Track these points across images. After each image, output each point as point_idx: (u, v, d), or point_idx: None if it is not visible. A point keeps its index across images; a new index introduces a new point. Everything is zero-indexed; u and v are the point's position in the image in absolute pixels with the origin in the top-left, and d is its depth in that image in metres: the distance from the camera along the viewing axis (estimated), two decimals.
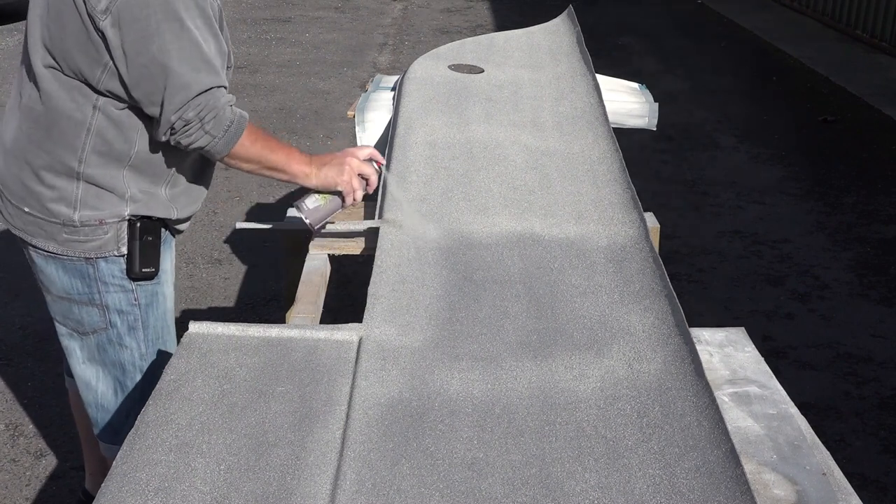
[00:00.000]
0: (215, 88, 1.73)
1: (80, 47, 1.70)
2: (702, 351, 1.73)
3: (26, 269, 2.04)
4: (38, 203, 1.82)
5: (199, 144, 1.76)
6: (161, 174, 1.86)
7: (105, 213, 1.82)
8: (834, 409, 3.12)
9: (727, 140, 5.88)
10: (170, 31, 1.67)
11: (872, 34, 8.09)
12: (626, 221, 2.15)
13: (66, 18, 1.70)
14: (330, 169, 1.95)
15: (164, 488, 1.31)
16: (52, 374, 3.19)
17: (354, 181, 1.98)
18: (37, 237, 1.85)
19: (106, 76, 1.72)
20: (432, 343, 1.70)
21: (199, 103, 1.71)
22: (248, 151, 1.83)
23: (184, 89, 1.69)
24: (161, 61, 1.68)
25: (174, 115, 1.70)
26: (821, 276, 4.08)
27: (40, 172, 1.80)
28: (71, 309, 1.91)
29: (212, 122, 1.73)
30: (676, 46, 8.36)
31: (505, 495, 1.32)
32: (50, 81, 1.75)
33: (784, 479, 1.44)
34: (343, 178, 1.96)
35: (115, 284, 1.88)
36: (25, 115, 1.81)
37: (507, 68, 3.21)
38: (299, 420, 1.47)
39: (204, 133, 1.74)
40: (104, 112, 1.76)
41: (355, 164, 1.98)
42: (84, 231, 1.82)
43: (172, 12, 1.68)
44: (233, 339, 1.69)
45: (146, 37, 1.67)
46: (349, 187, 1.97)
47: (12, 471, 2.77)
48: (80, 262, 1.85)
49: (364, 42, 8.53)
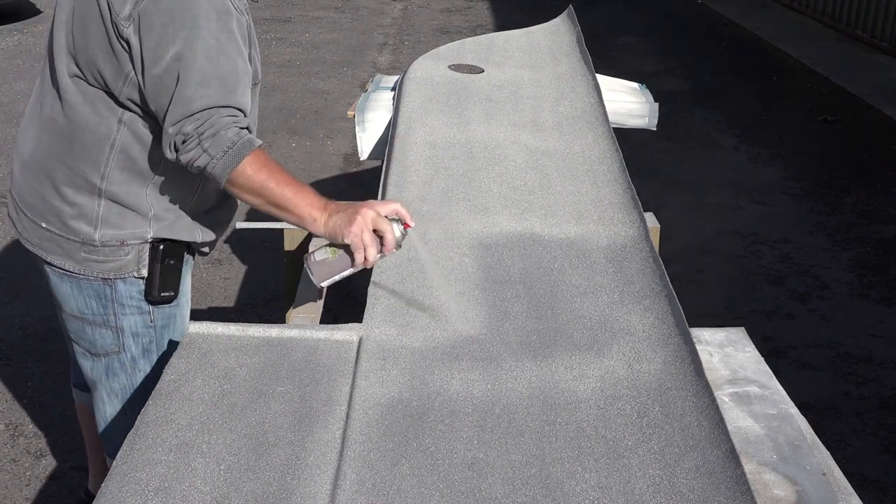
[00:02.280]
0: (222, 108, 1.61)
1: (105, 56, 1.64)
2: (702, 351, 1.73)
3: (26, 269, 2.03)
4: (57, 219, 1.75)
5: (198, 164, 1.62)
6: (185, 195, 1.78)
7: (126, 234, 1.75)
8: (834, 409, 3.12)
9: (727, 140, 5.88)
10: (185, 41, 1.59)
11: (872, 34, 8.09)
12: (626, 221, 2.15)
13: (90, 25, 1.64)
14: (340, 217, 1.70)
15: (164, 488, 1.31)
16: (52, 374, 3.18)
17: (366, 236, 1.70)
18: (53, 254, 1.78)
19: (128, 88, 1.65)
20: (432, 343, 1.70)
21: (198, 118, 1.60)
22: (249, 181, 1.64)
23: (186, 103, 1.59)
24: (175, 71, 1.60)
25: (172, 128, 1.60)
26: (821, 276, 4.08)
27: (61, 188, 1.74)
28: (84, 329, 1.85)
29: (210, 141, 1.60)
30: (676, 46, 8.36)
31: (505, 495, 1.32)
32: (74, 93, 1.69)
33: (784, 479, 1.44)
34: (351, 230, 1.69)
35: (133, 306, 1.82)
36: (47, 126, 1.74)
37: (507, 68, 3.21)
38: (299, 420, 1.47)
39: (202, 151, 1.61)
40: (130, 127, 1.69)
41: (370, 216, 1.70)
42: (104, 251, 1.76)
43: (192, 22, 1.60)
44: (233, 339, 1.69)
45: (162, 45, 1.60)
46: (358, 241, 1.70)
47: (12, 471, 2.77)
48: (98, 282, 1.78)
49: (364, 42, 8.53)
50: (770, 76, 7.38)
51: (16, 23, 8.54)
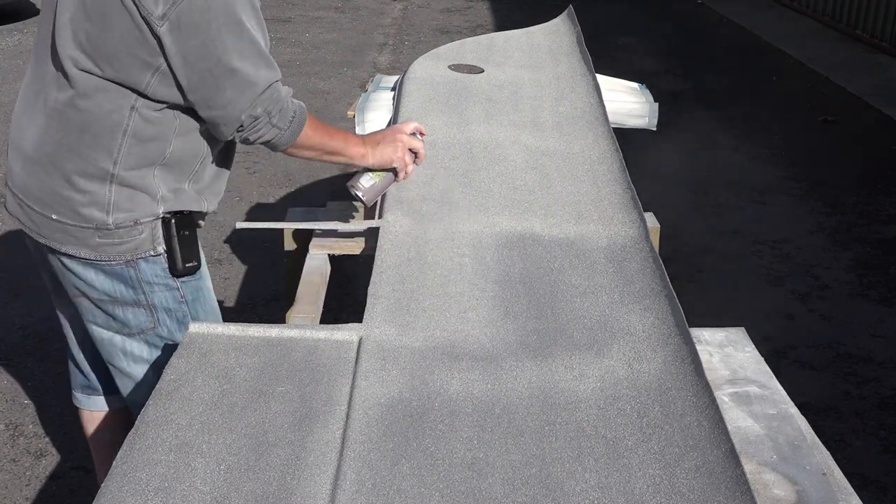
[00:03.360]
0: (277, 83, 1.77)
1: (130, 51, 1.67)
2: (702, 351, 1.73)
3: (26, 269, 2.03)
4: (68, 209, 1.77)
5: (266, 138, 1.81)
6: (187, 171, 1.84)
7: (139, 214, 1.79)
8: (834, 409, 3.12)
9: (727, 140, 5.88)
10: (231, 34, 1.69)
11: (872, 34, 8.09)
12: (626, 221, 2.15)
13: (112, 21, 1.66)
14: (385, 147, 2.08)
15: (164, 488, 1.31)
16: (52, 374, 3.19)
17: (407, 157, 2.12)
18: (66, 244, 1.80)
19: (156, 79, 1.70)
20: (432, 343, 1.70)
21: (265, 99, 1.75)
22: (310, 140, 1.90)
23: (250, 88, 1.73)
24: (226, 64, 1.69)
25: (244, 114, 1.74)
26: (821, 276, 4.08)
27: (72, 177, 1.76)
28: (115, 311, 1.86)
29: (278, 116, 1.79)
30: (676, 46, 8.36)
31: (505, 495, 1.32)
32: (85, 84, 1.71)
33: (784, 479, 1.44)
34: (397, 155, 2.09)
35: (160, 284, 1.85)
36: (54, 118, 1.76)
37: (507, 68, 3.21)
38: (299, 420, 1.47)
39: (272, 126, 1.79)
40: (141, 113, 1.73)
41: (406, 139, 2.11)
42: (118, 233, 1.78)
43: (232, 15, 1.68)
44: (233, 339, 1.69)
45: (208, 42, 1.67)
46: (402, 163, 2.11)
47: (12, 471, 2.77)
48: (120, 265, 1.81)
49: (364, 42, 8.54)
50: (770, 76, 7.38)
51: (16, 23, 8.55)
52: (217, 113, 1.74)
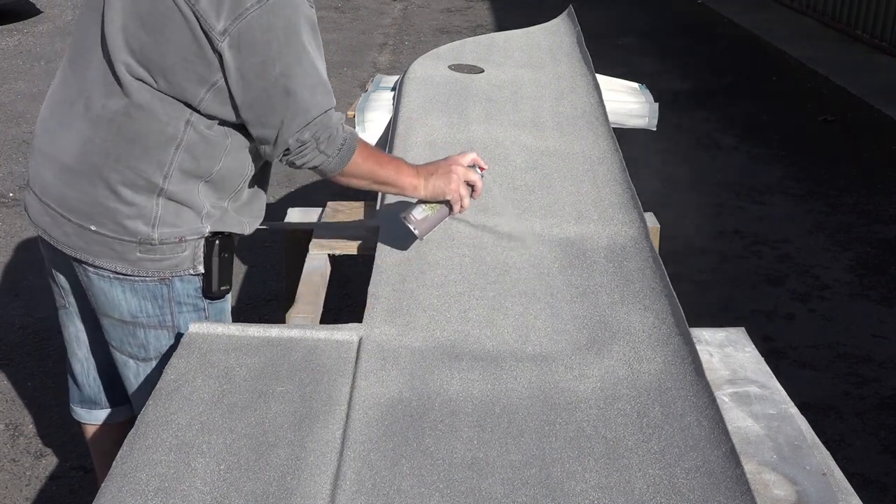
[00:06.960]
0: (330, 110, 1.74)
1: (186, 64, 1.63)
2: (702, 351, 1.73)
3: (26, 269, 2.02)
4: (111, 221, 1.72)
5: (313, 164, 1.76)
6: (230, 189, 1.81)
7: (184, 230, 1.76)
8: (834, 409, 3.12)
9: (727, 140, 5.88)
10: (291, 54, 1.66)
11: (872, 34, 8.08)
12: (626, 221, 2.15)
13: (171, 33, 1.62)
14: (438, 179, 1.94)
15: (164, 488, 1.32)
16: (52, 374, 3.19)
17: (462, 189, 1.96)
18: (102, 257, 1.74)
19: (210, 95, 1.66)
20: (432, 343, 1.71)
21: (315, 125, 1.71)
22: (359, 168, 1.83)
23: (303, 113, 1.69)
24: (283, 85, 1.66)
25: (292, 138, 1.70)
26: (821, 276, 4.08)
27: (118, 188, 1.70)
28: (135, 333, 1.82)
29: (326, 143, 1.74)
30: (676, 46, 8.36)
31: (505, 495, 1.32)
32: (139, 93, 1.67)
33: (784, 479, 1.44)
34: (451, 188, 1.94)
35: (189, 304, 1.81)
36: (101, 127, 1.69)
37: (507, 68, 3.21)
38: (299, 420, 1.48)
39: (319, 153, 1.75)
40: (196, 128, 1.69)
41: (461, 171, 1.96)
42: (162, 249, 1.74)
43: (294, 36, 1.66)
44: (233, 339, 1.69)
45: (268, 60, 1.64)
46: (457, 196, 1.95)
47: (12, 471, 2.77)
48: (154, 282, 1.77)
49: (364, 42, 8.54)
50: (770, 76, 7.38)
51: (16, 23, 8.55)
52: (268, 132, 1.70)
